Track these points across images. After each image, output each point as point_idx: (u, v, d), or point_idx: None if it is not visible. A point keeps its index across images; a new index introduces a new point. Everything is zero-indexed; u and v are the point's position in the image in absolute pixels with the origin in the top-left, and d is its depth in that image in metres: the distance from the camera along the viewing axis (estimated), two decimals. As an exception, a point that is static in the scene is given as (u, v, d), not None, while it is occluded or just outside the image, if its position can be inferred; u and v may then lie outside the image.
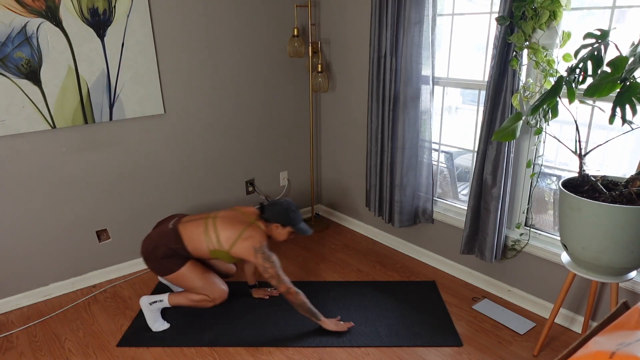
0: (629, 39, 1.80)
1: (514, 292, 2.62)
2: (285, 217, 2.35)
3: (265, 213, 2.37)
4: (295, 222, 2.37)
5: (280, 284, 2.24)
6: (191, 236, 2.30)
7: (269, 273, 2.23)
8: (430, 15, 2.54)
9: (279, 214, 2.34)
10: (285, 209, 2.35)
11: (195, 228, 2.31)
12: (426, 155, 2.83)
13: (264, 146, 3.45)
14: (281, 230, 2.37)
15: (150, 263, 2.31)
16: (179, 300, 2.38)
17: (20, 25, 2.30)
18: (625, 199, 1.76)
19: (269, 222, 2.36)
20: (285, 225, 2.36)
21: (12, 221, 2.54)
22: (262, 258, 2.24)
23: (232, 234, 2.28)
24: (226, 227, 2.30)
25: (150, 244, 2.31)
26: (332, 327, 2.34)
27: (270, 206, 2.38)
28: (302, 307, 2.27)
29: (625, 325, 0.90)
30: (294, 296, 2.25)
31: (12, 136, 2.43)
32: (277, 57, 3.31)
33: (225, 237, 2.28)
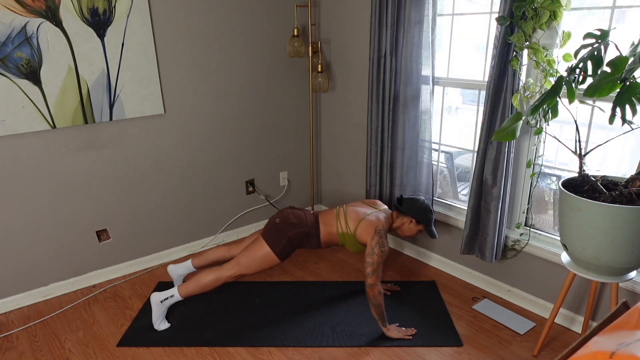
0: (629, 39, 1.80)
1: (514, 292, 2.62)
2: (423, 215, 2.41)
3: (404, 205, 2.43)
4: (430, 222, 2.43)
5: (374, 274, 2.22)
6: (325, 221, 2.40)
7: (371, 258, 2.23)
8: (430, 15, 2.54)
9: (419, 210, 2.40)
10: (425, 208, 2.42)
11: (329, 214, 2.44)
12: (426, 155, 2.83)
13: (264, 146, 3.45)
14: (413, 226, 2.43)
15: (276, 228, 2.33)
16: (190, 289, 2.34)
17: (20, 25, 2.30)
18: (625, 199, 1.76)
19: (403, 214, 2.42)
20: (419, 223, 2.42)
21: (12, 221, 2.54)
22: (376, 241, 2.26)
23: (357, 215, 2.38)
24: (354, 211, 2.41)
25: (292, 218, 2.36)
26: (396, 334, 2.32)
27: (410, 200, 2.44)
28: (377, 308, 2.25)
29: (625, 325, 0.90)
30: (376, 293, 2.23)
31: (12, 136, 2.44)
32: (277, 57, 3.31)
33: (352, 219, 2.37)
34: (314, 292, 2.75)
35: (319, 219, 2.42)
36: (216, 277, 2.33)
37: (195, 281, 2.33)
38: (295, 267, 3.06)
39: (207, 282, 2.33)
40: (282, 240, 2.32)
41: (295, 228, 2.34)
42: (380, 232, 2.29)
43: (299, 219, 2.37)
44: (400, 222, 2.45)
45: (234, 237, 3.47)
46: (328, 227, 2.39)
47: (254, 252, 2.34)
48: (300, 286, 2.81)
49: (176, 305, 2.62)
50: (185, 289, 2.35)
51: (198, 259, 2.63)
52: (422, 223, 2.42)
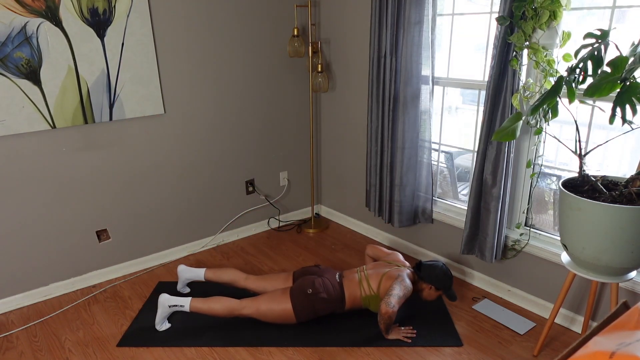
0: (629, 39, 1.80)
1: (514, 292, 2.62)
2: (442, 283, 2.38)
3: (422, 272, 2.41)
4: (448, 287, 2.39)
5: (390, 307, 2.21)
6: (349, 288, 2.38)
7: (395, 291, 2.25)
8: (430, 15, 2.54)
9: (438, 278, 2.38)
10: (444, 274, 2.39)
11: (352, 280, 2.41)
12: (426, 155, 2.83)
13: (264, 146, 3.45)
14: (432, 292, 2.41)
15: (305, 298, 2.31)
16: (201, 310, 2.34)
17: (20, 25, 2.30)
18: (625, 199, 1.76)
19: (423, 280, 2.41)
20: (439, 289, 2.40)
21: (12, 221, 2.54)
22: (400, 281, 2.29)
23: (378, 274, 2.38)
24: (375, 273, 2.41)
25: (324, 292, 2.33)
26: (396, 336, 2.33)
27: (429, 267, 2.41)
28: (385, 324, 2.26)
29: (625, 325, 0.90)
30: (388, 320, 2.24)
31: (12, 136, 2.43)
32: (277, 57, 3.31)
33: (374, 279, 2.37)
34: (314, 292, 2.74)
35: (344, 287, 2.39)
36: (230, 310, 2.33)
37: (208, 304, 2.34)
38: (296, 267, 3.05)
39: (220, 311, 2.34)
40: (308, 311, 2.32)
41: (325, 303, 2.33)
42: (402, 276, 2.31)
43: (329, 293, 2.34)
44: (420, 286, 2.43)
45: (234, 237, 3.47)
46: (352, 293, 2.38)
47: (276, 305, 2.33)
48: (300, 286, 2.81)
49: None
50: (197, 306, 2.34)
51: (212, 273, 2.60)
52: (441, 289, 2.40)
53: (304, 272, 2.49)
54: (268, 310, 2.33)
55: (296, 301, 2.31)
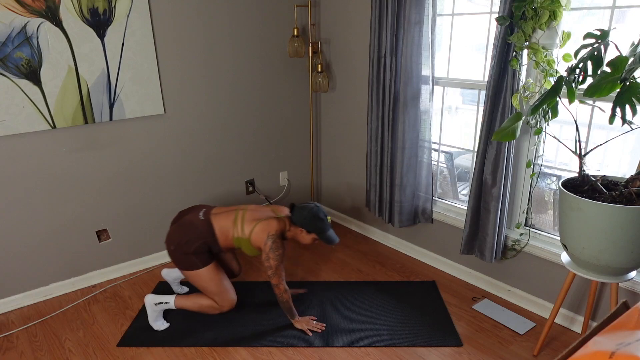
0: (629, 39, 1.80)
1: (514, 292, 2.62)
2: (312, 224, 2.32)
3: (293, 215, 2.36)
4: (320, 230, 2.33)
5: (274, 276, 2.27)
6: (222, 227, 2.32)
7: (269, 263, 2.25)
8: (430, 16, 2.54)
9: (306, 219, 2.32)
10: (313, 216, 2.31)
11: (226, 219, 2.34)
12: (426, 155, 2.83)
13: (264, 146, 3.45)
14: (305, 235, 2.36)
15: (177, 254, 2.28)
16: (186, 304, 2.37)
17: (20, 25, 2.30)
18: (625, 199, 1.76)
19: (294, 224, 2.37)
20: (310, 232, 2.34)
21: (12, 221, 2.54)
22: (269, 247, 2.26)
23: (253, 220, 2.33)
24: (252, 216, 2.36)
25: (183, 236, 2.27)
26: (304, 326, 2.38)
27: (299, 209, 2.35)
28: (284, 304, 2.33)
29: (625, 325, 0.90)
30: (282, 292, 2.30)
31: (12, 136, 2.44)
32: (277, 57, 3.31)
33: (248, 223, 2.32)
34: (314, 292, 2.75)
35: (212, 224, 2.31)
36: (211, 305, 2.36)
37: (192, 299, 2.37)
38: (295, 267, 3.06)
39: (205, 305, 2.37)
40: (191, 259, 2.27)
41: (192, 244, 2.26)
42: (273, 236, 2.26)
43: (191, 233, 2.27)
44: (294, 231, 2.38)
45: (234, 237, 3.47)
46: (225, 232, 2.31)
47: (199, 285, 2.33)
48: (300, 286, 2.81)
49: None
50: (183, 302, 2.38)
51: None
52: (314, 232, 2.33)
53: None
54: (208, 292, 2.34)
55: (182, 266, 2.30)
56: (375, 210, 3.12)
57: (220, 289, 2.34)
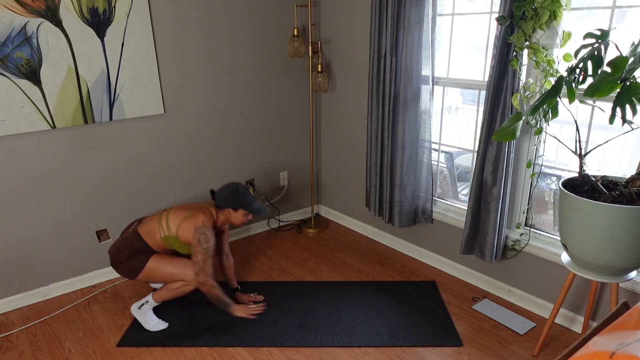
0: (629, 39, 1.80)
1: (514, 292, 2.62)
2: (234, 200, 2.30)
3: (215, 200, 2.34)
4: (245, 203, 2.32)
5: (201, 273, 2.22)
6: (148, 230, 2.32)
7: (196, 257, 2.22)
8: (430, 15, 2.54)
9: (228, 198, 2.31)
10: (233, 192, 2.31)
11: (151, 222, 2.34)
12: (426, 155, 2.83)
13: (264, 146, 3.45)
14: (234, 214, 2.35)
15: (119, 268, 2.31)
16: (162, 295, 2.37)
17: (20, 25, 2.30)
18: (625, 199, 1.76)
19: (220, 208, 2.34)
20: (237, 209, 2.33)
21: (12, 221, 2.54)
22: (198, 240, 2.21)
23: (179, 216, 2.31)
24: (176, 213, 2.33)
25: (114, 249, 2.32)
26: (243, 313, 2.36)
27: (219, 191, 2.34)
28: (215, 299, 2.28)
29: (625, 325, 0.90)
30: (209, 289, 2.25)
31: (12, 136, 2.43)
32: (277, 57, 3.31)
33: (173, 220, 2.30)
34: (314, 292, 2.75)
35: (138, 231, 2.32)
36: (181, 284, 2.33)
37: (165, 288, 2.36)
38: (295, 267, 3.06)
39: (177, 287, 2.34)
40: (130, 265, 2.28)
41: (122, 252, 2.28)
42: (201, 229, 2.23)
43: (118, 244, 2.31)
44: (224, 215, 2.37)
45: (233, 237, 3.47)
46: (153, 236, 2.30)
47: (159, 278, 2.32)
48: (300, 286, 2.81)
49: (176, 306, 2.62)
50: (159, 294, 2.38)
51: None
52: (239, 207, 2.32)
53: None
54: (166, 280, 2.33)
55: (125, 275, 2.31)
56: (375, 210, 3.12)
57: (177, 266, 2.29)
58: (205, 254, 2.22)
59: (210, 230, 2.27)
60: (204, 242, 2.22)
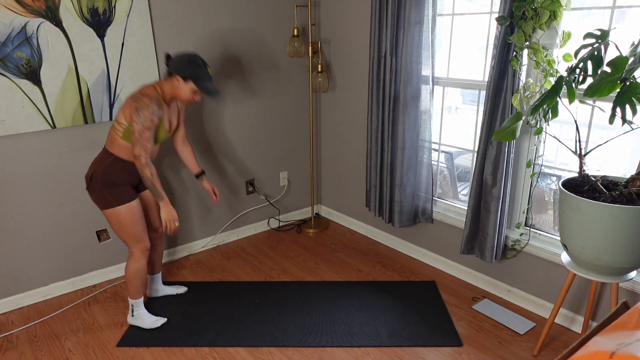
0: (629, 39, 1.81)
1: (514, 292, 2.62)
2: (185, 69, 2.10)
3: (169, 65, 2.15)
4: (196, 76, 2.12)
5: (137, 145, 2.05)
6: (110, 140, 2.18)
7: (132, 127, 2.04)
8: (430, 15, 2.54)
9: (181, 65, 2.11)
10: (189, 60, 2.12)
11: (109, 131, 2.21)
12: (426, 155, 2.83)
13: (264, 146, 3.45)
14: (182, 85, 2.13)
15: (93, 195, 2.18)
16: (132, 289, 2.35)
17: (20, 25, 2.30)
18: (625, 199, 1.76)
19: (170, 75, 2.15)
20: (187, 80, 2.12)
21: (12, 221, 2.54)
22: (134, 107, 2.02)
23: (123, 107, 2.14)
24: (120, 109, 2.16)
25: (89, 172, 2.19)
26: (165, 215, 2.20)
27: (175, 57, 2.15)
28: (146, 181, 2.12)
29: (625, 325, 0.90)
30: (142, 167, 2.08)
31: (12, 136, 2.43)
32: (277, 57, 3.31)
33: (120, 113, 2.13)
34: (314, 292, 2.75)
35: (106, 147, 2.19)
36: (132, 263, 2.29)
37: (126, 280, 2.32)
38: (295, 267, 3.06)
39: (129, 269, 2.30)
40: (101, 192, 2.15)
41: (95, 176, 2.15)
42: (137, 96, 2.05)
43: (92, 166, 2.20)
44: (170, 84, 2.14)
45: (234, 237, 3.47)
46: (114, 142, 2.15)
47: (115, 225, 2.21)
48: (300, 286, 2.81)
49: (176, 305, 2.62)
50: (130, 291, 2.37)
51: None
52: (189, 79, 2.11)
53: None
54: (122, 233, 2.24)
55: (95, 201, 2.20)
56: (375, 210, 3.12)
57: (134, 230, 2.21)
58: (143, 124, 2.01)
59: (153, 102, 2.06)
60: (143, 108, 2.02)
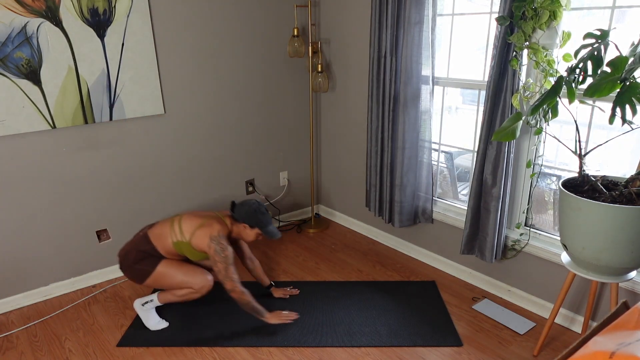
0: (629, 39, 1.80)
1: (514, 292, 2.62)
2: (253, 219, 2.33)
3: (235, 212, 2.36)
4: (263, 224, 2.35)
5: (227, 280, 2.21)
6: (159, 234, 2.33)
7: (217, 267, 2.21)
8: (430, 15, 2.54)
9: (248, 214, 2.33)
10: (254, 210, 2.34)
11: (162, 226, 2.35)
12: (426, 155, 2.83)
13: (264, 146, 3.45)
14: (249, 231, 2.36)
15: (127, 272, 2.33)
16: (168, 298, 2.38)
17: (20, 26, 2.30)
18: (625, 199, 1.76)
19: (237, 221, 2.36)
20: (253, 227, 2.35)
21: (12, 221, 2.54)
22: (214, 250, 2.22)
23: (193, 223, 2.31)
24: (190, 219, 2.34)
25: (123, 252, 2.34)
26: (277, 320, 2.34)
27: (240, 205, 2.36)
28: (246, 307, 2.26)
29: (625, 325, 0.90)
30: (239, 295, 2.23)
31: (12, 136, 2.43)
32: (277, 57, 3.31)
33: (187, 226, 2.30)
34: (314, 292, 2.75)
35: (148, 235, 2.34)
36: (188, 292, 2.34)
37: (172, 291, 2.37)
38: (295, 267, 3.06)
39: (184, 294, 2.35)
40: (137, 269, 2.30)
41: (130, 254, 2.31)
42: (216, 238, 2.24)
43: (127, 247, 2.35)
44: (237, 229, 2.38)
45: (234, 237, 3.47)
46: (163, 240, 2.31)
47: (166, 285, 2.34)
48: (300, 286, 2.81)
49: (176, 305, 2.62)
50: (164, 296, 2.39)
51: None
52: (256, 226, 2.34)
53: None
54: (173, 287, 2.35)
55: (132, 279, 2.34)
56: (375, 210, 3.12)
57: (186, 274, 2.31)
58: (225, 262, 2.22)
59: (226, 240, 2.27)
60: (221, 251, 2.22)
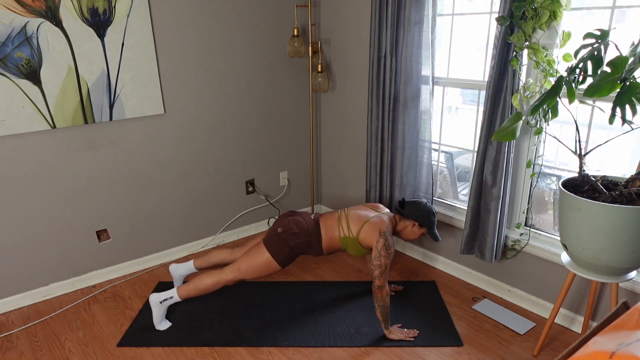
0: (629, 39, 1.81)
1: (514, 292, 2.62)
2: (427, 218, 2.38)
3: (406, 208, 2.40)
4: (433, 225, 2.41)
5: (382, 277, 2.22)
6: (327, 226, 2.37)
7: (379, 261, 2.22)
8: (430, 15, 2.54)
9: (422, 213, 2.37)
10: (428, 211, 2.39)
11: (330, 218, 2.40)
12: (426, 155, 2.83)
13: (264, 146, 3.45)
14: (416, 229, 2.40)
15: (278, 238, 2.32)
16: (189, 291, 2.35)
17: (20, 25, 2.30)
18: (625, 199, 1.76)
19: (406, 217, 2.40)
20: (422, 226, 2.39)
21: (12, 221, 2.54)
22: (382, 244, 2.24)
23: (360, 219, 2.35)
24: (356, 215, 2.39)
25: (294, 228, 2.33)
26: (399, 336, 2.31)
27: (413, 204, 2.41)
28: (383, 309, 2.25)
29: (625, 325, 0.90)
30: (386, 296, 2.23)
31: (12, 136, 2.44)
32: (277, 57, 3.31)
33: (354, 222, 2.35)
34: (314, 292, 2.75)
35: (319, 224, 2.38)
36: (216, 280, 2.33)
37: (194, 284, 2.34)
38: (295, 267, 3.05)
39: (207, 285, 2.33)
40: (284, 250, 2.31)
41: (297, 237, 2.32)
42: (385, 234, 2.26)
43: (301, 228, 2.34)
44: (403, 225, 2.42)
45: (234, 237, 3.47)
46: (330, 232, 2.36)
47: (254, 259, 2.33)
48: (300, 286, 2.81)
49: (177, 305, 2.62)
50: (185, 290, 2.35)
51: (200, 260, 2.61)
52: (425, 226, 2.39)
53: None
54: (249, 266, 2.32)
55: (270, 245, 2.32)
56: (375, 210, 3.12)
57: (251, 270, 2.32)
58: (388, 258, 2.23)
59: (392, 237, 2.30)
60: (388, 247, 2.24)
